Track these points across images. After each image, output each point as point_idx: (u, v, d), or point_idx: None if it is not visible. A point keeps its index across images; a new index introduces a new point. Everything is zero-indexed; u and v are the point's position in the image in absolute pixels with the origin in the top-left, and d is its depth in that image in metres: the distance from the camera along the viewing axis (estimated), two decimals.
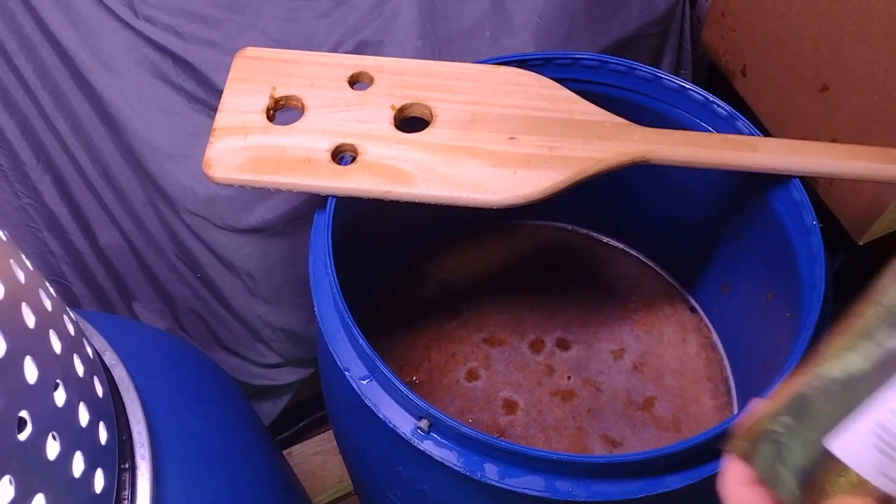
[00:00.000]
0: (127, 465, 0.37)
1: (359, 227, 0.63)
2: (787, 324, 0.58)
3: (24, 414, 0.29)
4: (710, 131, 0.62)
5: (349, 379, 0.49)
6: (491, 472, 0.46)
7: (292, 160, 0.54)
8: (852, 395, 0.26)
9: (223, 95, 0.57)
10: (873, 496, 0.26)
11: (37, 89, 0.68)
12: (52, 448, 0.31)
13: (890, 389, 0.25)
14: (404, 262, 0.79)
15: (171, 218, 0.72)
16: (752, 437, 0.29)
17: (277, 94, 0.57)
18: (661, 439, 0.68)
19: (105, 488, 0.34)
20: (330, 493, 0.91)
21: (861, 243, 0.69)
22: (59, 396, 0.32)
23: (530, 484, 0.45)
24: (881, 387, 0.25)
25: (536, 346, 0.73)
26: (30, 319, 0.32)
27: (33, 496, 0.29)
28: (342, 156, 0.55)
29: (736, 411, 0.70)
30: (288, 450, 0.93)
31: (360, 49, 0.69)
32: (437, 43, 0.71)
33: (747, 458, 0.29)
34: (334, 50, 0.69)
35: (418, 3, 0.70)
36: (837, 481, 0.26)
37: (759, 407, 0.30)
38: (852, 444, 0.26)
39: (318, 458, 0.93)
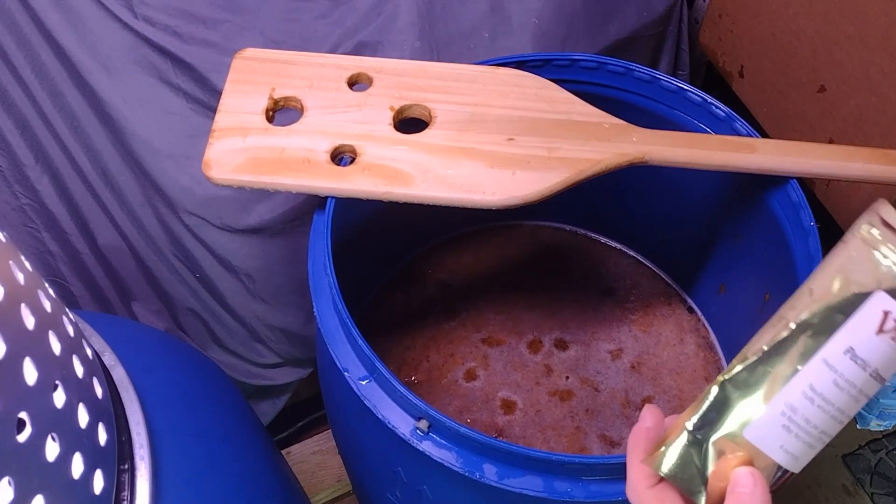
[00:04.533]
0: (126, 466, 0.37)
1: (358, 228, 0.63)
2: None
3: (23, 415, 0.29)
4: (707, 132, 0.62)
5: (348, 379, 0.49)
6: (490, 473, 0.46)
7: (292, 161, 0.54)
8: (760, 384, 0.29)
9: (222, 96, 0.57)
10: (763, 467, 0.29)
11: (35, 89, 0.68)
12: (52, 449, 0.31)
13: (800, 376, 0.29)
14: (403, 262, 0.79)
15: (170, 218, 0.72)
16: (668, 444, 0.32)
17: (276, 95, 0.57)
18: None
19: (104, 489, 0.34)
20: (328, 493, 0.91)
21: None
22: (59, 397, 0.32)
23: (529, 484, 0.45)
24: (794, 374, 0.29)
25: (535, 347, 0.73)
26: (29, 321, 0.32)
27: (32, 497, 0.29)
28: (341, 157, 0.55)
29: None
30: (286, 449, 0.93)
31: (358, 50, 0.69)
32: (436, 44, 0.71)
33: (661, 465, 0.32)
34: (333, 51, 0.69)
35: (417, 4, 0.70)
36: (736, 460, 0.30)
37: (674, 419, 0.32)
38: (763, 426, 0.29)
39: (316, 458, 0.93)
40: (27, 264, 0.34)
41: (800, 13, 0.67)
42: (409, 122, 0.57)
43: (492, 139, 0.56)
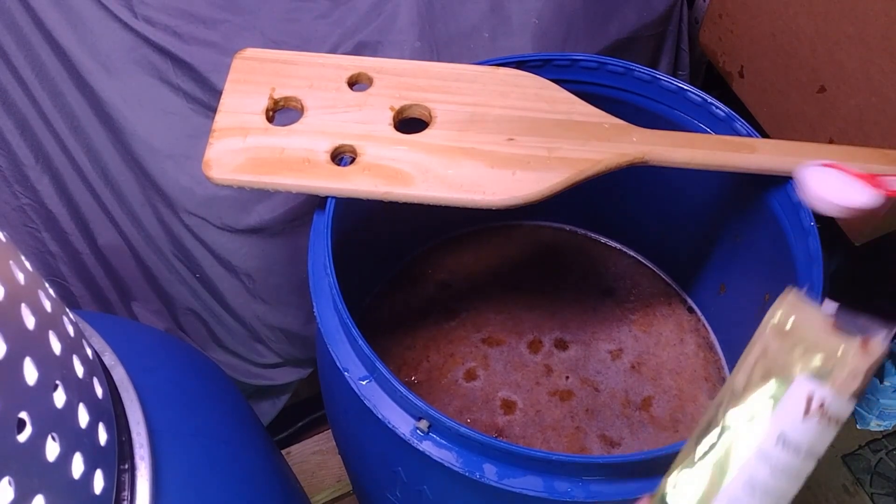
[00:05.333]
0: (126, 466, 0.37)
1: (358, 228, 0.63)
2: None
3: (23, 415, 0.29)
4: (707, 132, 0.62)
5: (348, 379, 0.49)
6: (490, 473, 0.46)
7: (292, 161, 0.54)
8: (701, 485, 0.30)
9: (222, 96, 0.57)
10: None
11: (35, 89, 0.68)
12: (52, 449, 0.31)
13: (738, 472, 0.29)
14: (403, 262, 0.79)
15: (170, 218, 0.72)
16: None
17: (277, 95, 0.57)
18: (659, 439, 0.68)
19: (105, 489, 0.34)
20: (328, 493, 0.91)
21: (858, 244, 0.69)
22: (59, 397, 0.32)
23: (529, 484, 0.45)
24: (731, 471, 0.29)
25: (535, 347, 0.73)
26: (29, 320, 0.32)
27: (33, 497, 0.29)
28: (341, 157, 0.55)
29: None
30: (287, 449, 0.93)
31: (358, 50, 0.69)
32: (436, 44, 0.71)
33: None
34: (333, 51, 0.69)
35: (417, 4, 0.70)
36: None
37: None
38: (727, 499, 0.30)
39: (316, 458, 0.93)
40: (27, 264, 0.34)
41: (800, 13, 0.67)
42: (409, 122, 0.57)
43: (492, 139, 0.56)
